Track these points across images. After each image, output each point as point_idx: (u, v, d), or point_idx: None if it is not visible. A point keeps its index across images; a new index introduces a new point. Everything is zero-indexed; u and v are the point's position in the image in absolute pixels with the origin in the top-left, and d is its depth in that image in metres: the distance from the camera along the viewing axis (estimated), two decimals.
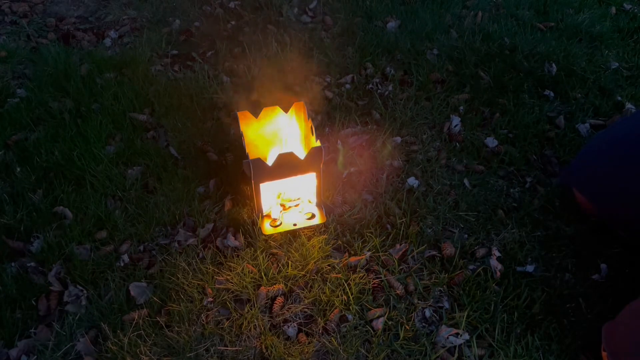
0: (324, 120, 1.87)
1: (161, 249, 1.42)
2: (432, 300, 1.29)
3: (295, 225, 1.45)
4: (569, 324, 1.25)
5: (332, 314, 1.25)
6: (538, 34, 2.37)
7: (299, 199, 1.53)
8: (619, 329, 1.07)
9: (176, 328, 1.22)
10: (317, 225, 1.46)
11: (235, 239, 1.41)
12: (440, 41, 2.29)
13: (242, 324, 1.23)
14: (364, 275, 1.34)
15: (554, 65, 2.11)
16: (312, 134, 1.40)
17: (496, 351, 1.19)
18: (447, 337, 1.21)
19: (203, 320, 1.24)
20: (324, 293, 1.29)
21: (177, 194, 1.56)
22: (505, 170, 1.68)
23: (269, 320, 1.24)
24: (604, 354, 1.10)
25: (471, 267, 1.36)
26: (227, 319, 1.24)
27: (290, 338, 1.22)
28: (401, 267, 1.37)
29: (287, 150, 1.34)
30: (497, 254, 1.38)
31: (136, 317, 1.24)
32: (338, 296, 1.28)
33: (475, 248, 1.42)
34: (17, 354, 1.20)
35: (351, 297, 1.28)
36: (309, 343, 1.20)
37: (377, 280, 1.33)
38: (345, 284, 1.30)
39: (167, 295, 1.29)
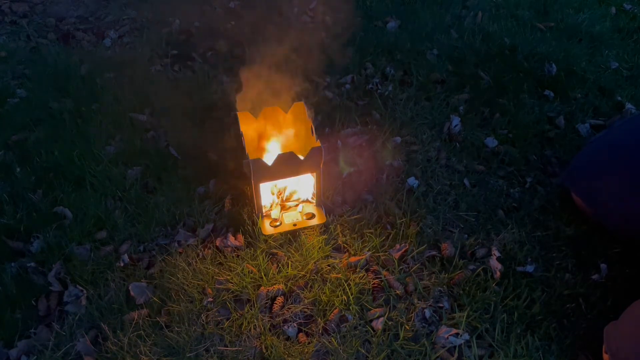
0: (324, 120, 1.87)
1: (161, 249, 1.42)
2: (432, 300, 1.29)
3: (295, 225, 1.45)
4: (569, 324, 1.25)
5: (332, 314, 1.25)
6: (538, 34, 2.37)
7: (299, 199, 1.53)
8: (621, 331, 1.07)
9: (176, 328, 1.22)
10: (317, 225, 1.46)
11: (235, 239, 1.41)
12: (440, 41, 2.29)
13: (242, 324, 1.23)
14: (364, 275, 1.34)
15: (554, 65, 2.11)
16: (312, 134, 1.40)
17: (496, 351, 1.19)
18: (447, 337, 1.21)
19: (203, 320, 1.24)
20: (324, 293, 1.29)
21: (177, 194, 1.56)
22: (505, 170, 1.68)
23: (269, 320, 1.24)
24: (605, 356, 1.10)
25: (471, 267, 1.36)
26: (227, 319, 1.24)
27: (290, 338, 1.22)
28: (401, 267, 1.37)
29: (287, 151, 1.34)
30: (497, 254, 1.38)
31: (136, 317, 1.24)
32: (338, 296, 1.28)
33: (475, 248, 1.42)
34: (17, 354, 1.20)
35: (351, 297, 1.28)
36: (308, 343, 1.20)
37: (377, 280, 1.33)
38: (345, 284, 1.30)
39: (167, 295, 1.29)
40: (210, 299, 1.28)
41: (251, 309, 1.26)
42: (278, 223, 1.45)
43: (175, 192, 1.57)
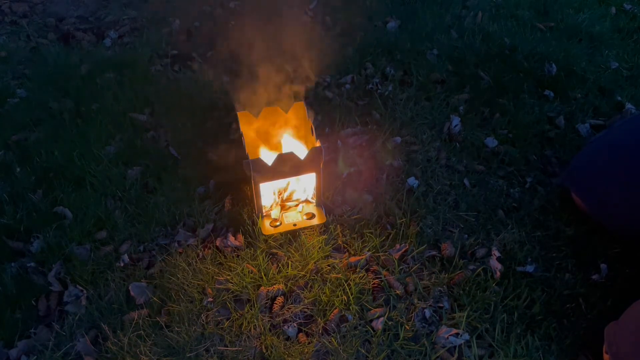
0: (324, 120, 1.87)
1: (161, 249, 1.42)
2: (432, 300, 1.29)
3: (295, 225, 1.45)
4: (569, 324, 1.25)
5: (332, 314, 1.25)
6: (538, 34, 2.37)
7: (299, 199, 1.53)
8: (621, 331, 1.07)
9: (176, 328, 1.22)
10: (317, 225, 1.46)
11: (235, 239, 1.41)
12: (440, 41, 2.29)
13: (242, 324, 1.23)
14: (364, 275, 1.34)
15: (554, 65, 2.11)
16: (312, 134, 1.40)
17: (496, 351, 1.19)
18: (447, 337, 1.21)
19: (203, 320, 1.24)
20: (324, 293, 1.29)
21: (177, 194, 1.56)
22: (505, 170, 1.68)
23: (269, 320, 1.24)
24: (606, 356, 1.10)
25: (471, 267, 1.36)
26: (227, 319, 1.24)
27: (290, 338, 1.22)
28: (401, 267, 1.37)
29: (287, 151, 1.34)
30: (497, 254, 1.38)
31: (136, 317, 1.24)
32: (338, 296, 1.28)
33: (475, 248, 1.42)
34: (17, 354, 1.20)
35: (351, 297, 1.28)
36: (309, 343, 1.20)
37: (377, 280, 1.33)
38: (345, 284, 1.30)
39: (167, 295, 1.29)
40: (210, 299, 1.28)
41: (251, 309, 1.26)
42: (278, 223, 1.45)
43: (175, 192, 1.57)
